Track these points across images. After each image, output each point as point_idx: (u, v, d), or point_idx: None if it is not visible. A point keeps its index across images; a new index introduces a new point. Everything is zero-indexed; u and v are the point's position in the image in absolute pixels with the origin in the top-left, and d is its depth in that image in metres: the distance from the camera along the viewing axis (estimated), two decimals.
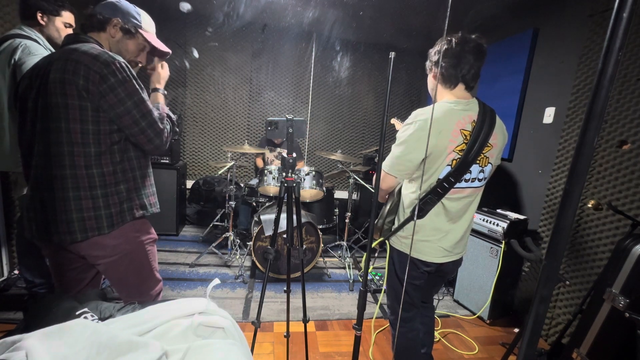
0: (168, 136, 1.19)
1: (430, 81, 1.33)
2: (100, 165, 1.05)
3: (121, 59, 1.06)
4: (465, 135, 1.19)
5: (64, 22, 1.69)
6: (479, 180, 1.28)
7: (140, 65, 1.29)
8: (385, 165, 1.24)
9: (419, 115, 1.17)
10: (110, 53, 1.06)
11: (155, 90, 1.30)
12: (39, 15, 1.62)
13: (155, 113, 1.13)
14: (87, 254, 1.11)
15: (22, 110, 1.09)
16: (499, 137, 1.27)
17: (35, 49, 1.55)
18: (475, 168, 1.24)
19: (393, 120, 2.00)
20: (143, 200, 1.17)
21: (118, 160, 1.09)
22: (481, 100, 1.26)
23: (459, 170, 1.19)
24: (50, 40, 1.68)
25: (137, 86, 1.08)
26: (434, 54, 1.26)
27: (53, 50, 1.65)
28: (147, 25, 1.25)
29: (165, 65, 1.34)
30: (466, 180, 1.24)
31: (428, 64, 1.30)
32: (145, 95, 1.10)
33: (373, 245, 1.11)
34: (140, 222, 1.19)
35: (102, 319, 0.84)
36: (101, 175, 1.06)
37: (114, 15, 1.14)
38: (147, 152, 1.20)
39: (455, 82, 1.23)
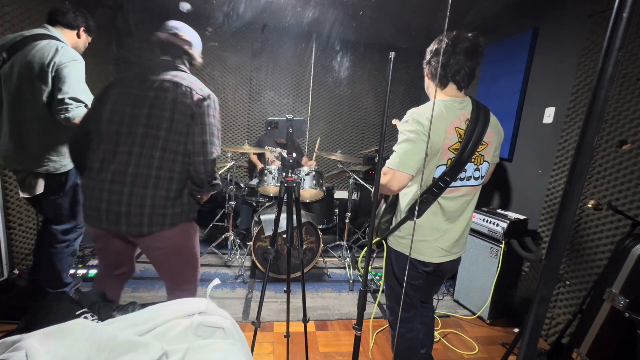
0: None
1: (425, 80, 1.33)
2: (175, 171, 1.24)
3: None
4: (460, 134, 1.19)
5: (89, 41, 1.87)
6: (475, 178, 1.28)
7: None
8: (394, 163, 1.18)
9: (414, 113, 1.17)
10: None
11: None
12: (82, 29, 1.77)
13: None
14: (149, 245, 1.29)
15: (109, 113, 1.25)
16: (494, 134, 1.27)
17: (73, 54, 1.62)
18: (470, 166, 1.24)
19: (394, 121, 2.00)
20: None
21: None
22: (475, 99, 1.26)
23: (454, 169, 1.19)
24: (77, 51, 1.74)
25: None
26: (428, 52, 1.27)
27: None
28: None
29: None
30: (462, 179, 1.24)
31: (423, 63, 1.31)
32: None
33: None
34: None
35: (102, 319, 0.84)
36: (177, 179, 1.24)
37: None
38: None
39: (445, 82, 1.23)
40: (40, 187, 1.68)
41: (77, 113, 1.54)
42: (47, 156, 1.64)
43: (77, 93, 1.56)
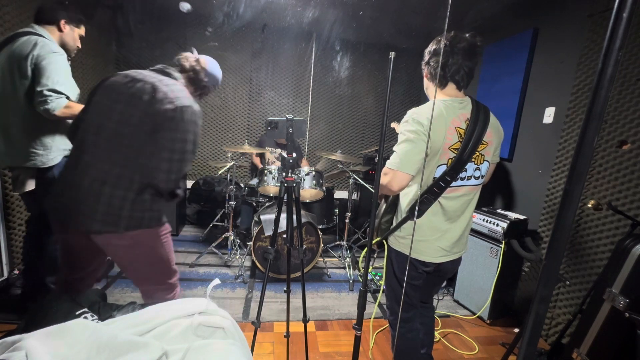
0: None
1: (424, 81, 1.33)
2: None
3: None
4: (460, 134, 1.19)
5: (80, 34, 1.81)
6: (475, 178, 1.28)
7: None
8: (394, 163, 1.18)
9: (414, 113, 1.17)
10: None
11: None
12: (62, 22, 1.70)
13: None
14: (105, 244, 1.23)
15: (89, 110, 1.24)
16: (494, 134, 1.27)
17: (53, 47, 1.60)
18: (470, 166, 1.24)
19: (393, 124, 2.00)
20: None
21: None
22: (474, 99, 1.26)
23: (454, 169, 1.19)
24: (64, 46, 1.72)
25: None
26: (426, 53, 1.27)
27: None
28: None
29: None
30: (462, 179, 1.24)
31: (422, 64, 1.31)
32: None
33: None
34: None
35: (102, 319, 0.84)
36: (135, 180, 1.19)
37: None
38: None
39: (445, 82, 1.23)
40: (31, 183, 1.69)
41: (57, 105, 1.53)
42: (33, 150, 1.63)
43: (56, 84, 1.54)
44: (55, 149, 1.68)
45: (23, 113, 1.59)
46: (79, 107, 1.53)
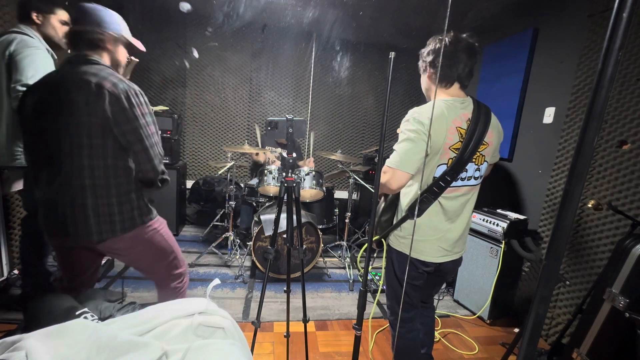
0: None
1: (424, 81, 1.32)
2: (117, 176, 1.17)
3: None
4: (462, 134, 1.19)
5: (60, 20, 1.70)
6: (475, 178, 1.28)
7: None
8: (394, 162, 1.18)
9: (415, 113, 1.17)
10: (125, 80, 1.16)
11: None
12: (34, 14, 1.63)
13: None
14: (107, 250, 1.25)
15: (38, 118, 1.15)
16: (495, 134, 1.27)
17: (31, 42, 1.56)
18: (471, 166, 1.24)
19: (399, 130, 2.00)
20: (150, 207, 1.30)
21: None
22: (476, 99, 1.27)
23: (455, 169, 1.19)
24: (48, 38, 1.68)
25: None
26: (426, 54, 1.27)
27: (49, 49, 1.66)
28: (122, 26, 1.27)
29: None
30: (462, 179, 1.24)
31: (421, 64, 1.30)
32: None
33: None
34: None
35: (102, 319, 0.84)
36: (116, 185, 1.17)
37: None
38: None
39: (451, 81, 1.24)
40: (19, 183, 1.69)
41: None
42: (16, 149, 1.62)
43: (30, 79, 1.49)
44: None
45: (6, 112, 1.58)
46: None
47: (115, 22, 1.22)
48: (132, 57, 1.39)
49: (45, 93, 1.14)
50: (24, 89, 1.46)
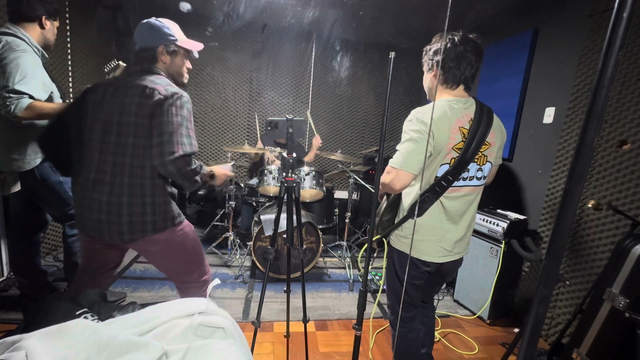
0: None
1: (428, 80, 1.31)
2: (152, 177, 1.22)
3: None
4: (464, 134, 1.19)
5: (57, 26, 1.75)
6: (478, 179, 1.28)
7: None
8: (397, 162, 1.17)
9: (418, 113, 1.17)
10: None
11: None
12: (44, 18, 1.64)
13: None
14: (139, 250, 1.31)
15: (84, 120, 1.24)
16: (497, 135, 1.27)
17: (17, 45, 1.51)
18: (473, 166, 1.24)
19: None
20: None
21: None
22: (478, 100, 1.26)
23: (457, 169, 1.19)
24: (46, 42, 1.68)
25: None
26: (433, 52, 1.25)
27: (39, 48, 1.63)
28: (178, 32, 1.40)
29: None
30: (464, 179, 1.24)
31: (427, 61, 1.29)
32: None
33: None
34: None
35: (102, 319, 0.84)
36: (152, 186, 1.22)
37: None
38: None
39: (458, 82, 1.23)
40: (17, 185, 1.70)
41: (17, 106, 1.44)
42: (10, 155, 1.60)
43: (17, 84, 1.45)
44: (32, 153, 1.64)
45: None
46: (46, 107, 1.49)
47: (174, 34, 1.35)
48: (121, 62, 1.46)
49: (100, 94, 1.22)
50: (11, 95, 1.44)
